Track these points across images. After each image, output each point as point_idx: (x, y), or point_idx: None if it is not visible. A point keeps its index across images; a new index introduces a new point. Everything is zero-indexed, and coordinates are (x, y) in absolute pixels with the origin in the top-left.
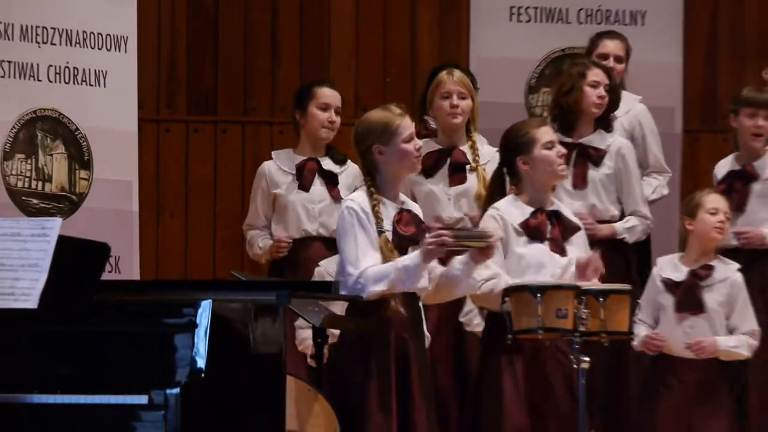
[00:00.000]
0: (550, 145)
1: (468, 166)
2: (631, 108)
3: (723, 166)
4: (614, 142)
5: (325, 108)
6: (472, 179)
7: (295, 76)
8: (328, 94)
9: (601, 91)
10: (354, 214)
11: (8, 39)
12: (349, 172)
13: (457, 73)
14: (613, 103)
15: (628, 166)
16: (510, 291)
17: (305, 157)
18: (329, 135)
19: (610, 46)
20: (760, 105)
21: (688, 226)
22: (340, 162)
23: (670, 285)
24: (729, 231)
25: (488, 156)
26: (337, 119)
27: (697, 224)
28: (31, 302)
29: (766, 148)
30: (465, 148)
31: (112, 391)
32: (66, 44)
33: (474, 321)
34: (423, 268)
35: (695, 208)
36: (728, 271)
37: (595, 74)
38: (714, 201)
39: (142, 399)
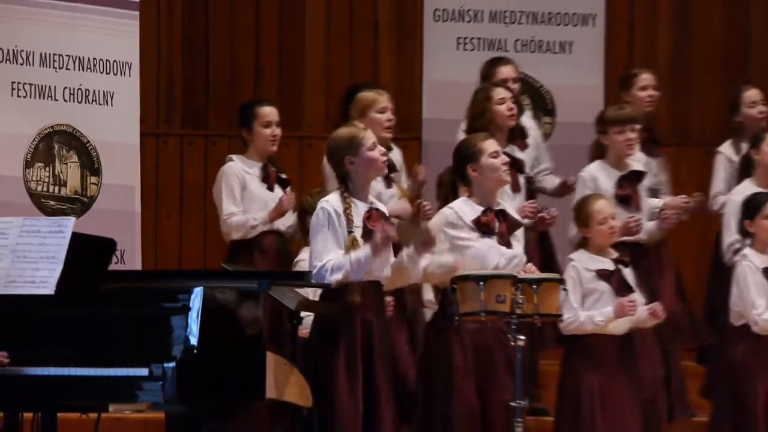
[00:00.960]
0: (495, 155)
1: (394, 174)
2: (527, 123)
3: (600, 170)
4: (527, 155)
5: (267, 125)
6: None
7: (274, 96)
8: (268, 112)
9: (510, 104)
10: (326, 214)
11: (30, 65)
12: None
13: (385, 93)
14: (519, 113)
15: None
16: (456, 279)
17: (262, 164)
18: (275, 147)
19: (506, 71)
20: (625, 121)
21: (584, 232)
22: (281, 172)
23: (603, 274)
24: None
25: (395, 159)
26: (279, 131)
27: (593, 232)
28: (49, 289)
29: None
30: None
31: (117, 364)
32: (78, 69)
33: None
34: (373, 261)
35: (588, 219)
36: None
37: (498, 93)
38: (603, 211)
39: (144, 371)
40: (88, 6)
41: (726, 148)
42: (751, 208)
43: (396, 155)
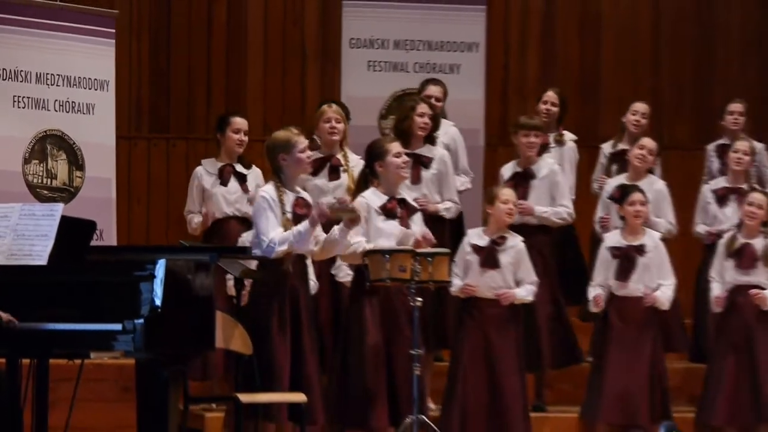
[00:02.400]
0: (398, 155)
1: (341, 168)
2: (448, 130)
3: (507, 169)
4: (438, 152)
5: (237, 131)
6: (344, 177)
7: (222, 108)
8: (239, 122)
9: (426, 119)
10: (265, 200)
11: (27, 82)
12: (255, 173)
13: (335, 106)
14: (435, 127)
15: (447, 168)
16: (368, 253)
17: (224, 163)
18: (241, 149)
19: (433, 89)
20: (530, 128)
21: (488, 210)
22: (247, 167)
23: (476, 248)
24: (516, 213)
25: (354, 162)
26: (246, 138)
27: (494, 209)
28: (43, 260)
29: (537, 157)
30: (339, 156)
31: (97, 321)
32: (66, 86)
33: (340, 274)
34: (311, 232)
35: (493, 198)
36: (515, 241)
37: (421, 108)
38: (505, 194)
39: (118, 326)
40: (74, 35)
41: (606, 145)
42: (620, 196)
43: (353, 159)
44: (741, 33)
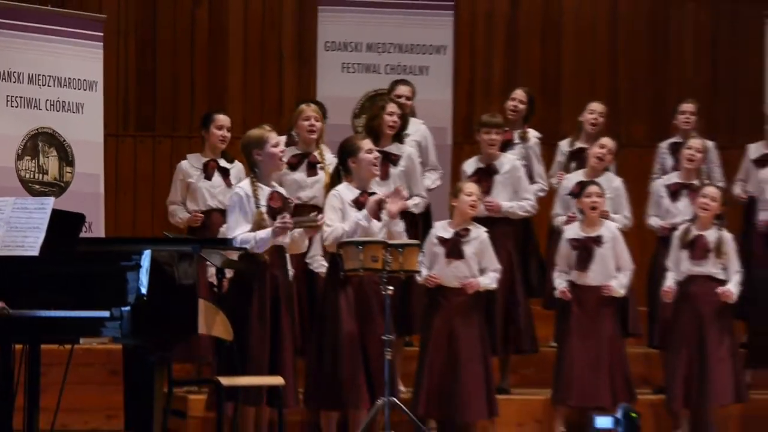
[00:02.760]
0: (369, 152)
1: (318, 165)
2: (418, 128)
3: (469, 165)
4: (406, 150)
5: (220, 128)
6: (321, 174)
7: (204, 107)
8: (222, 119)
9: (395, 118)
10: (238, 197)
11: (20, 82)
12: (237, 168)
13: (313, 105)
14: (403, 126)
15: (415, 165)
16: (342, 244)
17: (209, 158)
18: (224, 145)
19: (402, 89)
20: (492, 126)
21: (453, 203)
22: (230, 161)
23: (442, 240)
24: (480, 207)
25: (330, 159)
26: (228, 134)
27: (459, 202)
28: (35, 251)
29: (499, 153)
30: (316, 153)
31: (86, 308)
32: (57, 86)
33: (314, 264)
34: (271, 241)
35: (457, 192)
36: (478, 232)
37: (391, 107)
38: (469, 187)
39: (106, 313)
40: (65, 38)
41: (563, 143)
42: (578, 191)
43: (328, 156)
44: (694, 36)
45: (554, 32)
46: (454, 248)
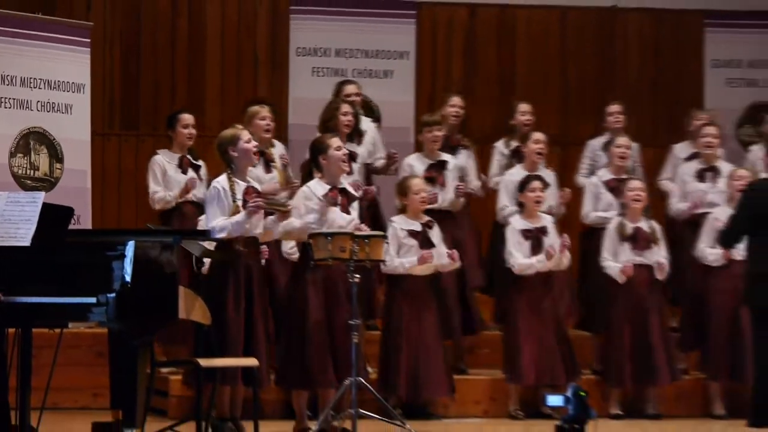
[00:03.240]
0: (338, 149)
1: (272, 164)
2: (367, 126)
3: (417, 161)
4: (363, 149)
5: (186, 126)
6: (274, 172)
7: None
8: (187, 118)
9: (350, 117)
10: (216, 190)
11: (13, 85)
12: (202, 165)
13: (267, 106)
14: (356, 123)
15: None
16: (312, 235)
17: (181, 155)
18: (191, 142)
19: (350, 88)
20: (434, 124)
21: (404, 201)
22: (196, 158)
23: (413, 233)
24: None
25: (277, 157)
26: (194, 131)
27: (410, 200)
28: (26, 242)
29: (439, 151)
30: (272, 150)
31: (74, 295)
32: (47, 88)
33: (293, 255)
34: (247, 222)
35: (406, 191)
36: (434, 223)
37: (344, 107)
38: (417, 184)
39: (93, 300)
40: (54, 44)
41: (500, 144)
42: (522, 185)
43: (279, 149)
44: (639, 42)
45: (509, 39)
46: (425, 239)
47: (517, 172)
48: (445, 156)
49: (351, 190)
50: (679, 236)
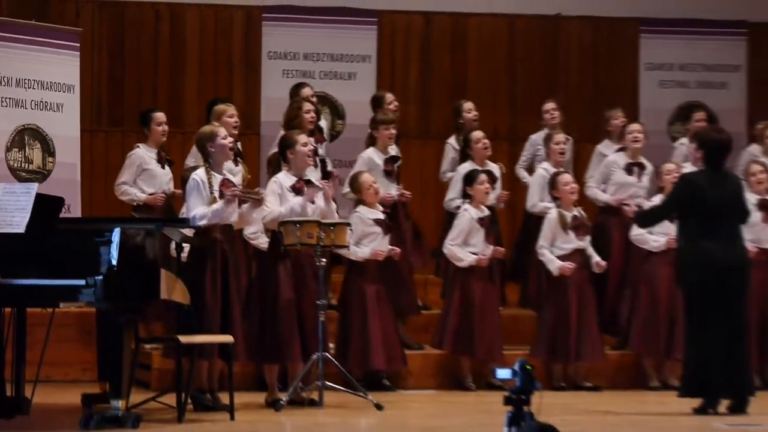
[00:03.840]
0: (304, 145)
1: (239, 158)
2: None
3: (376, 156)
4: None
5: (160, 124)
6: (240, 166)
7: (165, 107)
8: (160, 116)
9: (312, 114)
10: (195, 182)
11: (9, 86)
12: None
13: (233, 105)
14: (318, 119)
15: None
16: (282, 223)
17: (157, 150)
18: (164, 138)
19: (307, 90)
20: (390, 122)
21: (358, 196)
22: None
23: (378, 222)
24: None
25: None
26: (167, 128)
27: (365, 195)
28: (21, 229)
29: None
30: (239, 145)
31: (65, 277)
32: (41, 89)
33: (255, 240)
34: (225, 209)
35: (360, 187)
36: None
37: (306, 106)
38: (368, 179)
39: (82, 282)
40: (47, 48)
41: (451, 140)
42: (470, 179)
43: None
44: (579, 48)
45: (462, 44)
46: (387, 227)
47: (468, 166)
48: (395, 151)
49: (317, 182)
50: (600, 224)
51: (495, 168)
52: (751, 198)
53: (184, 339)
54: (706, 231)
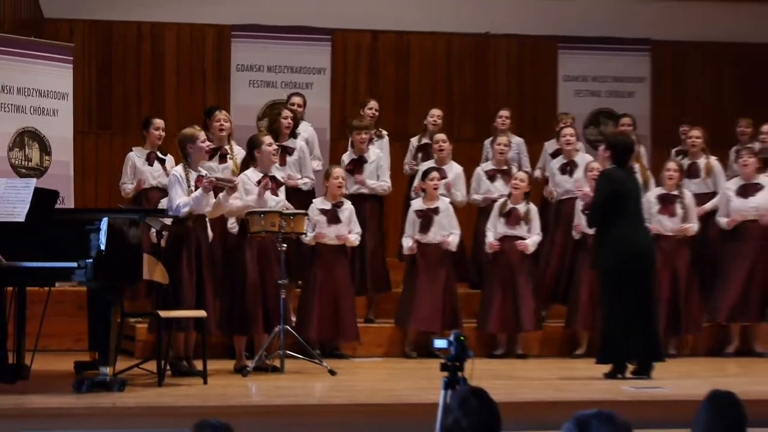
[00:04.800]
0: (269, 145)
1: (228, 156)
2: (306, 128)
3: (346, 156)
4: (298, 143)
5: (157, 129)
6: (230, 162)
7: (148, 113)
8: (158, 122)
9: (289, 120)
10: (175, 177)
11: (12, 93)
12: (170, 160)
13: (224, 111)
14: (295, 125)
15: (305, 155)
16: (248, 214)
17: (150, 151)
18: (160, 141)
19: (296, 99)
20: (362, 128)
21: (326, 184)
22: (164, 154)
23: (323, 211)
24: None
25: (237, 151)
26: (163, 133)
27: (330, 184)
28: (21, 218)
29: (367, 148)
30: (227, 147)
31: (60, 260)
32: (39, 96)
33: (233, 230)
34: (205, 197)
35: (328, 176)
36: (347, 205)
37: (285, 113)
38: (337, 172)
39: (74, 264)
40: (44, 61)
41: (414, 139)
42: (424, 175)
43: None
44: (507, 61)
45: (404, 58)
46: (333, 216)
47: (427, 165)
48: (367, 155)
49: (280, 178)
50: (554, 216)
51: (456, 167)
52: (657, 190)
53: (163, 314)
54: (621, 219)
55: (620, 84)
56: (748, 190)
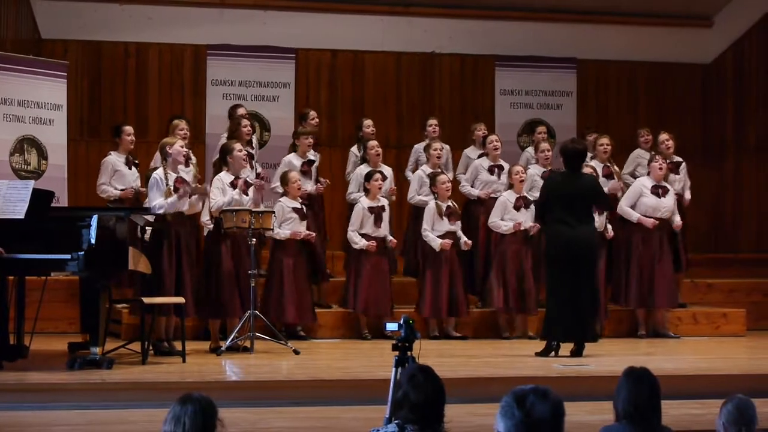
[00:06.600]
0: (240, 151)
1: (191, 161)
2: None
3: (296, 160)
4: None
5: (129, 135)
6: (192, 167)
7: (133, 123)
8: (128, 129)
9: (248, 128)
10: (155, 180)
11: (13, 105)
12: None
13: (184, 120)
14: (253, 132)
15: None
16: (222, 212)
17: (126, 156)
18: (132, 147)
19: (242, 110)
20: (309, 133)
21: (285, 188)
22: (135, 159)
23: (295, 210)
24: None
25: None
26: (134, 139)
27: (289, 188)
28: (21, 216)
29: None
30: (189, 152)
31: (55, 253)
32: (36, 107)
33: (208, 226)
34: (178, 201)
35: (287, 181)
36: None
37: (245, 122)
38: (293, 177)
39: (68, 256)
40: (41, 76)
41: (354, 149)
42: (368, 177)
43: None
44: (450, 77)
45: (360, 74)
46: (302, 214)
47: (364, 168)
48: (312, 155)
49: (251, 180)
50: (471, 213)
51: (387, 169)
52: None
53: (146, 300)
54: (561, 216)
55: (550, 97)
56: (659, 190)
